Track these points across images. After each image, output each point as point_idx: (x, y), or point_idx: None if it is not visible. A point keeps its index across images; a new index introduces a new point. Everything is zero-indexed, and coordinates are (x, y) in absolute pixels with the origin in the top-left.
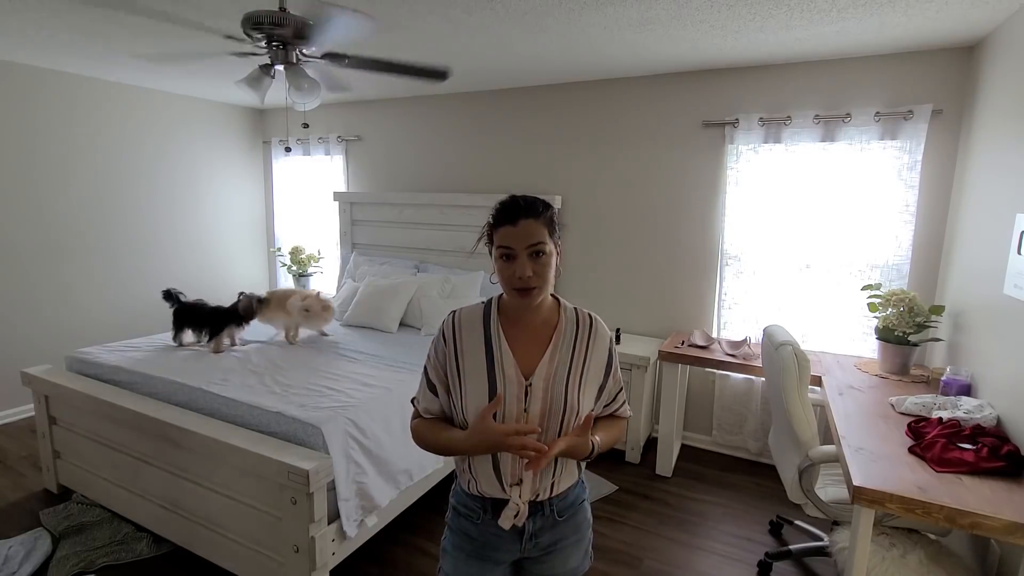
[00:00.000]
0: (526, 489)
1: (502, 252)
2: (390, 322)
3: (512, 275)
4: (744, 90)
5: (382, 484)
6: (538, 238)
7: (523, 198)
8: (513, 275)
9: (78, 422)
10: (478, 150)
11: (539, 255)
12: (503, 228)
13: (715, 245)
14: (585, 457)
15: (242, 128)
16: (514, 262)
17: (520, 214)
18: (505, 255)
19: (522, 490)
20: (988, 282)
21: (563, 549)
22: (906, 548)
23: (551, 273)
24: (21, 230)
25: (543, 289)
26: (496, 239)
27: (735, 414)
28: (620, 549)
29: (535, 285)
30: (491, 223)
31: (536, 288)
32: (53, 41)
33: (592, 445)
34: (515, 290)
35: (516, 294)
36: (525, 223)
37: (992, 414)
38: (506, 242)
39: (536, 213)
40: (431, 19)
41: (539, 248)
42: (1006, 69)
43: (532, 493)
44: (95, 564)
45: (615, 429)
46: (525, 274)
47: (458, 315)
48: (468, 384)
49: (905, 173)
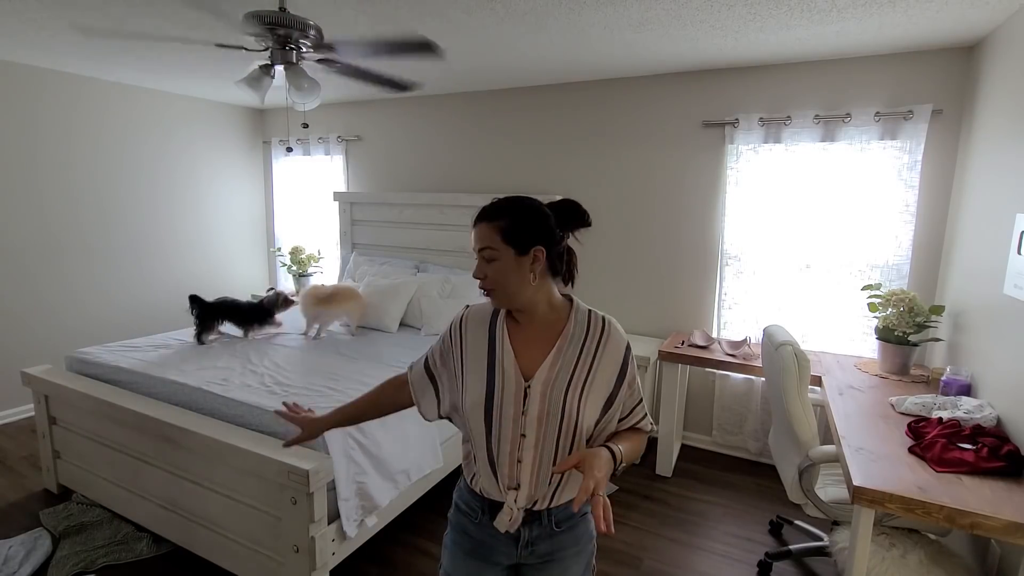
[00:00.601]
0: (522, 495)
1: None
2: (390, 322)
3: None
4: (744, 90)
5: (382, 484)
6: (485, 243)
7: (495, 202)
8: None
9: (78, 422)
10: (478, 150)
11: (491, 260)
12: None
13: (715, 245)
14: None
15: (242, 128)
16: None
17: (480, 218)
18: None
19: (518, 495)
20: (988, 282)
21: (562, 560)
22: (906, 548)
23: (508, 278)
24: (21, 230)
25: (504, 292)
26: None
27: (735, 414)
28: (620, 549)
29: (491, 287)
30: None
31: (495, 290)
32: (53, 41)
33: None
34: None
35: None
36: (480, 227)
37: (992, 414)
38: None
39: (490, 218)
40: (430, 19)
41: (487, 254)
42: (1006, 69)
43: (529, 500)
44: (95, 564)
45: (637, 441)
46: (478, 275)
47: (469, 311)
48: (468, 380)
49: (905, 173)
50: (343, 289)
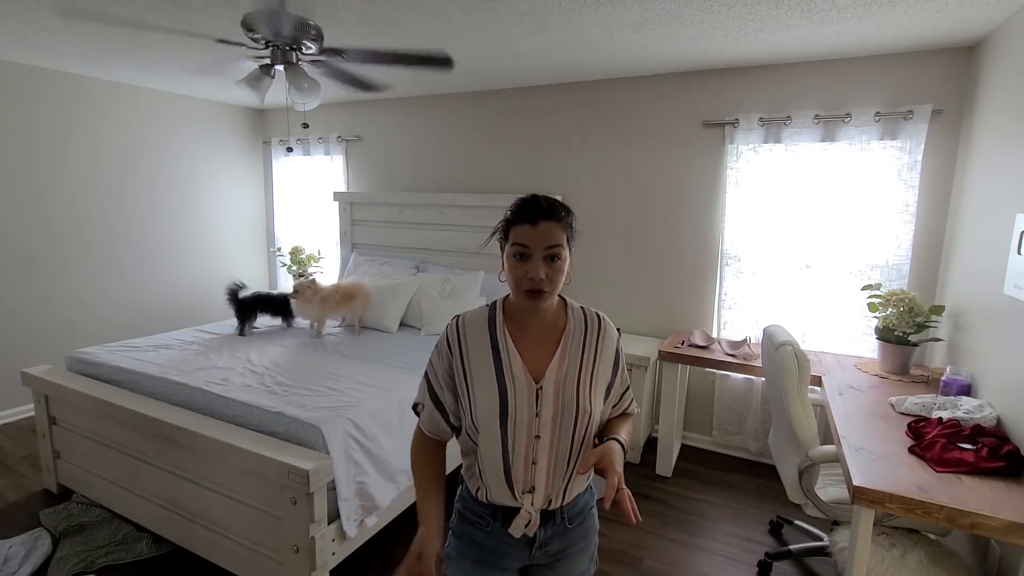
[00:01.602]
0: (538, 497)
1: (517, 251)
2: (390, 322)
3: (524, 275)
4: (744, 90)
5: (382, 484)
6: (556, 241)
7: (545, 198)
8: (525, 275)
9: (78, 422)
10: (478, 150)
11: (554, 259)
12: (521, 226)
13: (715, 245)
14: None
15: (242, 128)
16: (528, 262)
17: (541, 215)
18: (520, 254)
19: (534, 498)
20: (988, 282)
21: (571, 556)
22: (906, 548)
23: (562, 278)
24: (21, 230)
25: (553, 294)
26: (512, 236)
27: (735, 414)
28: (620, 549)
29: (547, 289)
30: (508, 220)
31: (547, 292)
32: (53, 41)
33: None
34: (524, 291)
35: (525, 295)
36: (546, 224)
37: (992, 414)
38: (523, 240)
39: (557, 216)
40: (430, 19)
41: (555, 252)
42: (1006, 69)
43: (544, 501)
44: (95, 564)
45: (630, 426)
46: (539, 276)
47: (462, 320)
48: (476, 391)
49: (905, 173)
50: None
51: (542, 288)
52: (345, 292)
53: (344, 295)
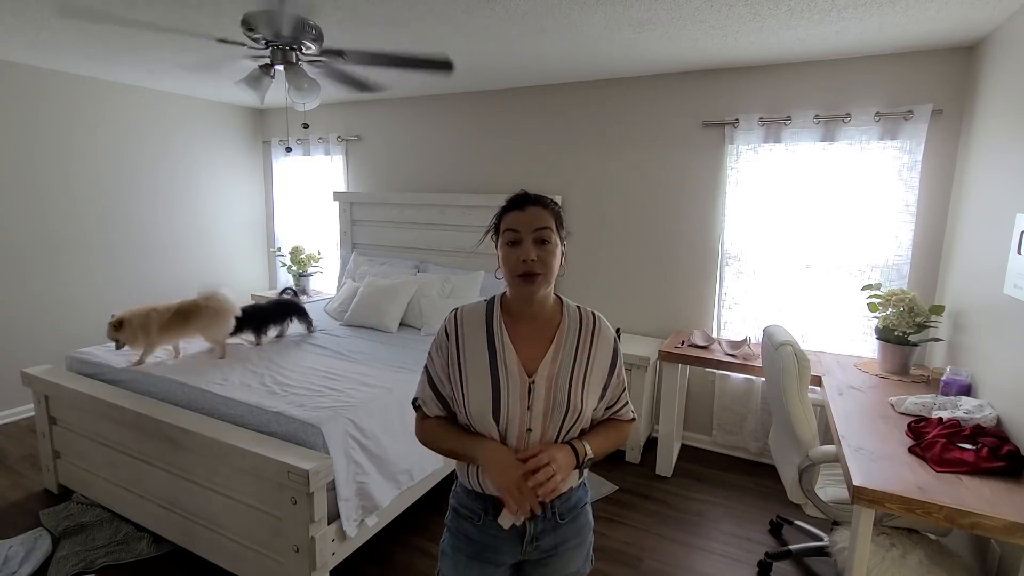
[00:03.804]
0: None
1: (508, 238)
2: (390, 322)
3: (517, 260)
4: (744, 90)
5: (382, 484)
6: (544, 223)
7: (530, 193)
8: (518, 260)
9: (78, 422)
10: (478, 150)
11: (544, 242)
12: (511, 214)
13: (715, 245)
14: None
15: (242, 128)
16: (519, 247)
17: (529, 201)
18: (511, 240)
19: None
20: (988, 282)
21: (565, 552)
22: (906, 548)
23: (555, 264)
24: (21, 230)
25: (547, 278)
26: (503, 225)
27: (735, 414)
28: (620, 549)
29: (539, 271)
30: (499, 213)
31: (540, 275)
32: (53, 41)
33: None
34: (519, 277)
35: (519, 282)
36: (533, 209)
37: (992, 414)
38: (513, 225)
39: (544, 203)
40: (430, 19)
41: (544, 235)
42: (1006, 69)
43: None
44: (95, 564)
45: (614, 433)
46: (529, 256)
47: (460, 312)
48: (470, 382)
49: (905, 173)
50: (189, 305)
51: (535, 271)
52: (178, 312)
53: (175, 317)
